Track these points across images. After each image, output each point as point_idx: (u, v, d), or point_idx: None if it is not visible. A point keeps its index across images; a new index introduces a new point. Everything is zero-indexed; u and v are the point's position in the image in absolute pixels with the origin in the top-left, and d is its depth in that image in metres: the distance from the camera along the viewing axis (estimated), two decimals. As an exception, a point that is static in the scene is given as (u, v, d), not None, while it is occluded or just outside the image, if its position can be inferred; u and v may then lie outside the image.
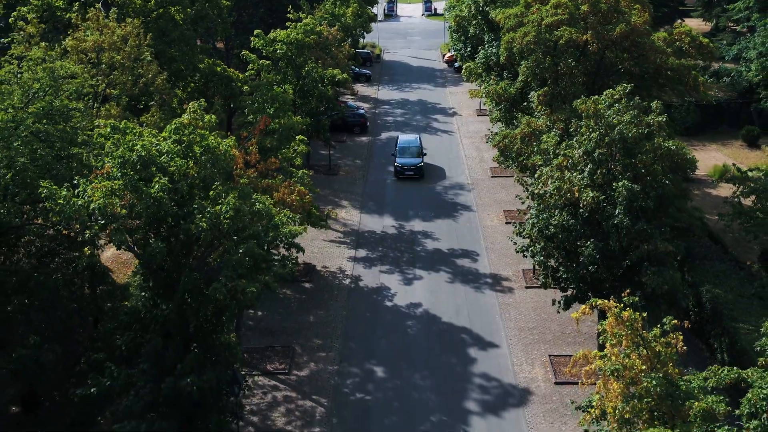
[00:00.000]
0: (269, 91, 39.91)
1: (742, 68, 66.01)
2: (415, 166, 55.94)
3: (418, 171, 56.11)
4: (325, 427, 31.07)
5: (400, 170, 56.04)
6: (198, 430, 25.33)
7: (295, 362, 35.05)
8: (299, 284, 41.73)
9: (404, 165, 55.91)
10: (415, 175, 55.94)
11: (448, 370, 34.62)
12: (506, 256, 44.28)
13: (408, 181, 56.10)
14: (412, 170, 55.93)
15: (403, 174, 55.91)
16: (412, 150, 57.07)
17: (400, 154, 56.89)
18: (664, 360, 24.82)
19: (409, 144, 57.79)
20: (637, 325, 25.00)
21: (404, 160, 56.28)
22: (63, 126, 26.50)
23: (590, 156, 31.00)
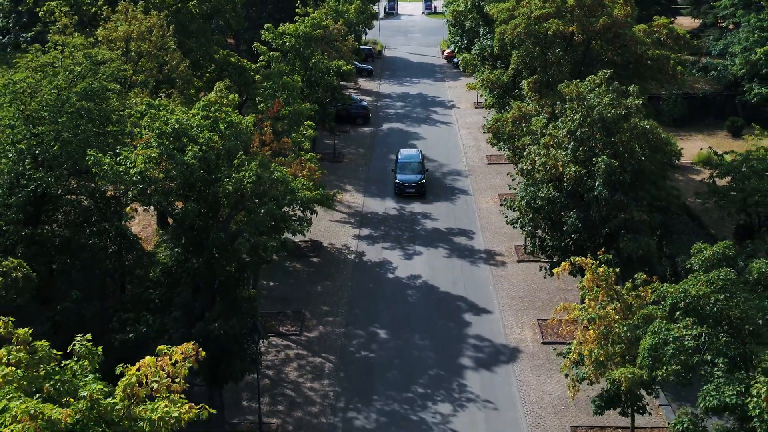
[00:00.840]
0: (280, 79, 43.43)
1: (727, 62, 69.45)
2: (416, 183, 53.61)
3: (420, 188, 53.59)
4: (333, 380, 34.56)
5: (400, 187, 53.51)
6: (224, 374, 28.86)
7: (305, 325, 38.55)
8: (308, 259, 45.25)
9: (404, 182, 53.57)
10: (417, 193, 53.46)
11: (445, 333, 38.10)
12: (500, 234, 47.76)
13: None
14: (413, 187, 53.48)
15: (404, 191, 53.44)
16: (413, 166, 54.69)
17: (401, 170, 54.37)
18: (635, 311, 28.32)
19: (410, 159, 55.51)
20: (611, 279, 28.54)
21: (405, 177, 53.88)
22: (101, 105, 30.00)
23: (573, 135, 34.49)
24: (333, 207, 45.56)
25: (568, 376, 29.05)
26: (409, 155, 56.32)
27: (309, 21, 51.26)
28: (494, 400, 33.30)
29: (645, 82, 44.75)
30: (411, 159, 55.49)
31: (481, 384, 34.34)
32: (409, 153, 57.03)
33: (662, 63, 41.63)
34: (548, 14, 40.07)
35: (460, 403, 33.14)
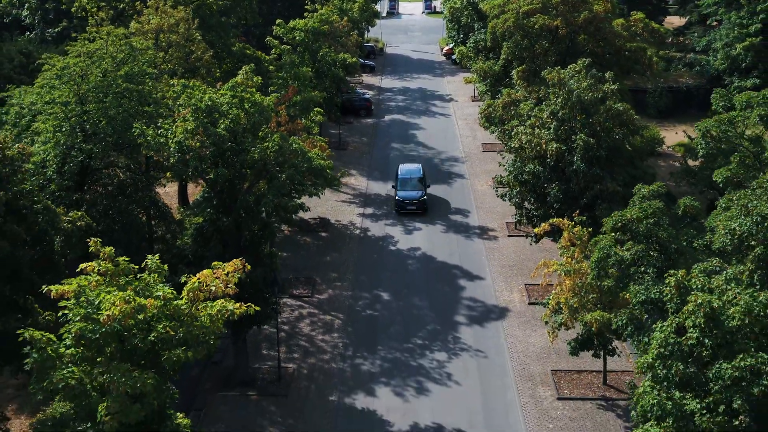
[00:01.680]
0: (292, 69, 48.02)
1: (710, 58, 73.99)
2: (417, 200, 51.75)
3: (421, 205, 51.81)
4: (342, 333, 39.15)
5: (401, 204, 51.76)
6: (248, 320, 33.34)
7: (316, 289, 43.14)
8: (317, 234, 49.83)
9: (405, 199, 51.75)
10: (418, 210, 51.78)
11: (442, 296, 42.67)
12: (493, 213, 52.35)
13: (411, 150, 64.18)
14: (414, 204, 51.70)
15: (404, 209, 51.68)
16: (414, 182, 52.95)
17: (401, 187, 52.70)
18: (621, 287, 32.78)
19: (411, 175, 53.70)
20: (584, 238, 33.09)
21: (405, 194, 52.13)
22: (140, 87, 34.57)
23: (555, 116, 39.08)
24: (339, 186, 50.00)
25: (548, 323, 33.72)
26: (409, 170, 54.49)
27: (317, 17, 55.86)
28: (485, 349, 37.87)
29: (624, 72, 49.37)
30: (412, 175, 53.70)
31: (473, 337, 38.90)
32: (410, 168, 55.06)
33: (639, 54, 46.21)
34: (535, 9, 44.67)
35: (454, 352, 37.71)
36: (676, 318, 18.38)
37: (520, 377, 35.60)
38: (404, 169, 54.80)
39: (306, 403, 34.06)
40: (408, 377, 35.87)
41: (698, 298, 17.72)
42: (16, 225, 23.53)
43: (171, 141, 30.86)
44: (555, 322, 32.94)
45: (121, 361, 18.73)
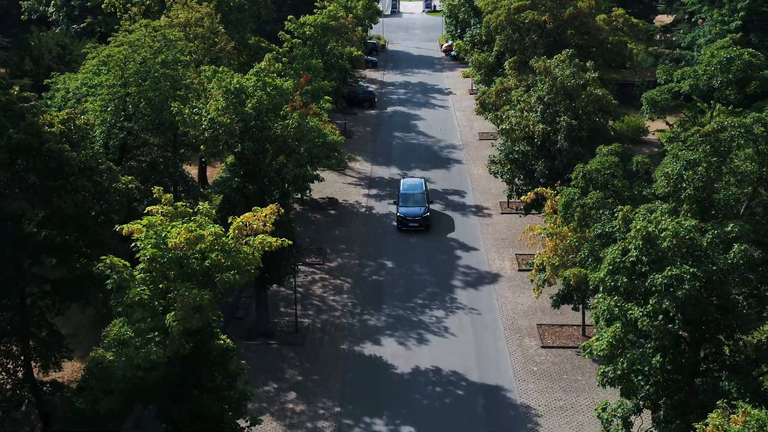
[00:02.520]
0: (303, 61, 52.91)
1: (694, 53, 78.89)
2: (420, 217, 51.02)
3: (424, 222, 51.12)
4: (350, 294, 44.07)
5: (402, 221, 51.02)
6: (270, 277, 38.26)
7: (326, 258, 48.03)
8: (326, 211, 54.73)
9: (407, 216, 50.96)
10: (420, 227, 51.08)
11: (441, 263, 47.56)
12: (488, 194, 57.25)
13: (412, 139, 69.08)
14: (416, 221, 50.98)
15: (406, 226, 51.01)
16: (416, 197, 52.15)
17: (403, 203, 51.97)
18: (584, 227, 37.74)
19: (413, 190, 52.80)
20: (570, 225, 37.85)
21: (407, 210, 51.35)
22: (174, 73, 39.46)
23: (542, 100, 43.98)
24: (346, 167, 54.82)
25: (533, 281, 38.58)
26: (411, 185, 53.72)
27: (326, 13, 60.75)
28: (478, 308, 42.79)
29: (608, 64, 54.29)
30: (414, 190, 52.84)
31: (468, 298, 43.81)
32: (412, 183, 54.34)
33: (620, 47, 51.11)
34: (525, 6, 49.61)
35: (451, 310, 42.64)
36: (621, 243, 23.18)
37: (509, 330, 40.51)
38: (406, 184, 53.86)
39: (320, 351, 38.97)
40: (410, 330, 40.79)
41: (638, 225, 22.50)
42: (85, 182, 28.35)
43: (204, 118, 35.77)
44: (539, 279, 37.77)
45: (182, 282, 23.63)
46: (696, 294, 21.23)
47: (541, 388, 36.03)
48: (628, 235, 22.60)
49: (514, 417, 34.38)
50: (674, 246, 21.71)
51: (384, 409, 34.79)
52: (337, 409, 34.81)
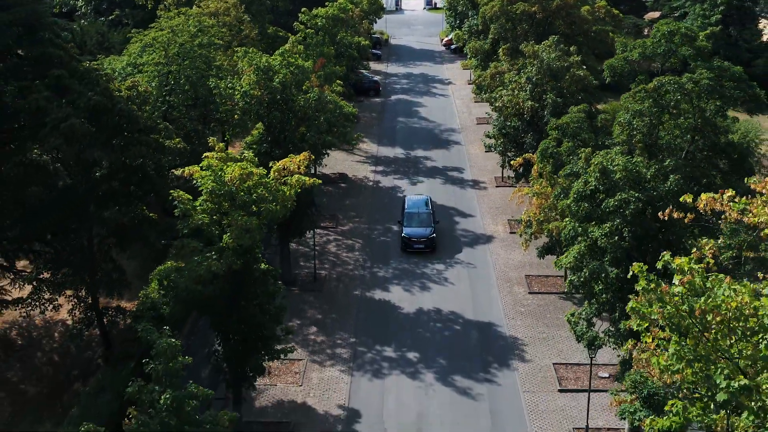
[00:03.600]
0: (317, 48, 59.13)
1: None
2: (426, 238, 49.34)
3: (430, 243, 49.33)
4: (361, 252, 50.28)
5: (407, 242, 49.34)
6: (293, 231, 44.45)
7: (339, 223, 54.24)
8: (337, 185, 60.92)
9: (412, 236, 49.41)
10: (426, 249, 49.28)
11: (441, 226, 53.68)
12: (484, 170, 63.47)
13: (414, 123, 75.30)
14: (422, 243, 49.27)
15: (411, 248, 49.26)
16: (422, 217, 50.73)
17: (408, 222, 50.31)
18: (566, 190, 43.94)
19: (419, 209, 51.46)
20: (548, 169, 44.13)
21: (412, 230, 49.78)
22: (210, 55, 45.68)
23: (531, 81, 50.22)
24: (356, 145, 61.01)
25: (522, 235, 44.76)
26: (416, 203, 52.49)
27: (336, 5, 66.99)
28: (474, 263, 48.99)
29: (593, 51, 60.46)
30: (419, 209, 51.58)
31: (465, 255, 50.01)
32: (417, 200, 53.04)
33: (603, 36, 57.36)
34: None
35: (450, 264, 48.84)
36: (584, 176, 29.30)
37: (501, 280, 46.73)
38: (411, 202, 52.68)
39: (336, 296, 45.19)
40: (414, 280, 47.00)
41: (596, 160, 28.66)
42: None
43: (238, 92, 42.02)
44: (527, 233, 43.98)
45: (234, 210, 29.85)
46: (640, 214, 27.35)
47: (527, 324, 42.26)
48: (588, 170, 28.74)
49: (503, 346, 40.58)
50: (624, 177, 27.82)
51: (392, 339, 41.01)
52: (353, 340, 41.04)
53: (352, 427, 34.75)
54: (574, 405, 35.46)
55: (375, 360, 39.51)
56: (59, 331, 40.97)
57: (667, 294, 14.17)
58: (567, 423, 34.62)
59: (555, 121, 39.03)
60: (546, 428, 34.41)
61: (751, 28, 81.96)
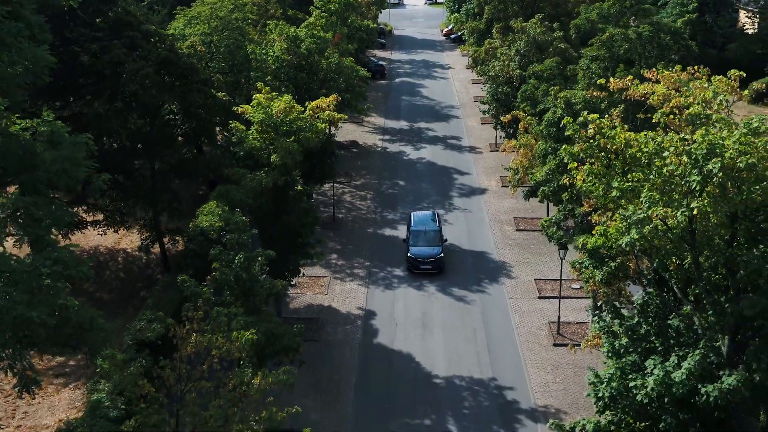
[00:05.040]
0: (331, 28, 67.85)
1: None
2: (433, 258, 47.49)
3: (438, 264, 47.51)
4: (372, 201, 58.93)
5: (414, 263, 47.58)
6: (316, 176, 52.99)
7: (352, 178, 62.92)
8: (349, 150, 69.61)
9: (419, 257, 47.55)
10: (433, 270, 47.51)
11: (441, 183, 62.41)
12: (480, 139, 72.17)
13: (417, 101, 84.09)
14: (429, 263, 47.46)
15: (418, 268, 47.46)
16: (429, 235, 48.77)
17: (414, 241, 48.46)
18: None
19: (426, 227, 49.61)
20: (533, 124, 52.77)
21: (419, 250, 47.83)
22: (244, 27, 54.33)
23: (519, 52, 58.93)
24: (367, 114, 69.64)
25: (510, 181, 53.38)
26: (423, 220, 50.78)
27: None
28: (469, 209, 57.65)
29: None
30: (426, 226, 49.74)
31: (461, 203, 58.68)
32: (424, 217, 51.38)
33: (584, 16, 65.90)
34: (508, -17, 64.72)
35: (449, 210, 57.47)
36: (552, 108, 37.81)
37: (492, 220, 55.37)
38: (417, 218, 50.99)
39: (352, 233, 53.82)
40: (418, 221, 55.66)
41: (562, 95, 37.22)
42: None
43: (271, 56, 50.71)
44: (514, 179, 52.57)
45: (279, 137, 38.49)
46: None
47: (513, 253, 50.88)
48: (556, 103, 37.19)
49: (493, 267, 49.17)
50: (583, 106, 36.36)
51: (400, 263, 49.56)
52: (367, 263, 49.66)
53: (369, 322, 43.32)
54: (550, 307, 44.02)
55: (386, 277, 48.12)
56: (122, 257, 49.54)
57: (584, 135, 22.72)
58: (543, 318, 43.21)
59: (532, 67, 47.73)
60: (526, 323, 42.98)
61: (725, 16, 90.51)
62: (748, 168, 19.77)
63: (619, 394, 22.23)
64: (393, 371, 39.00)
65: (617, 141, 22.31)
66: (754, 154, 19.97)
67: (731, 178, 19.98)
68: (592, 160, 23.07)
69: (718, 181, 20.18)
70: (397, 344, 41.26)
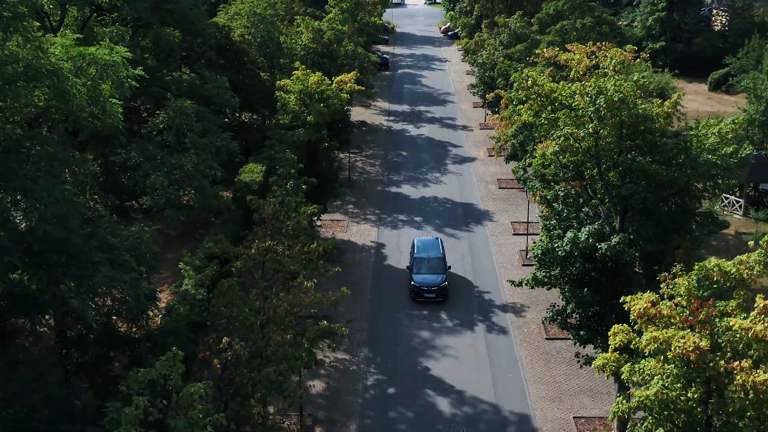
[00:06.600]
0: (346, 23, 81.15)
1: (634, 28, 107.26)
2: (437, 287, 47.66)
3: (441, 292, 47.72)
4: (380, 167, 72.19)
5: (417, 291, 47.86)
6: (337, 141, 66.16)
7: (362, 150, 76.14)
8: (360, 128, 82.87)
9: (422, 285, 47.84)
10: (437, 299, 47.75)
11: (437, 154, 75.62)
12: (471, 119, 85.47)
13: (418, 89, 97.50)
14: (433, 292, 47.72)
15: (422, 297, 47.74)
16: (433, 262, 49.04)
17: (417, 268, 48.77)
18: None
19: (429, 253, 49.95)
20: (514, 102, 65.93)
21: (423, 278, 48.22)
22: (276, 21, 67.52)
23: (503, 43, 72.19)
24: (374, 98, 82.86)
25: (494, 147, 66.58)
26: (426, 246, 51.08)
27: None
28: (461, 173, 70.92)
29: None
30: (430, 253, 50.02)
31: (454, 168, 71.93)
32: (427, 242, 51.74)
33: (560, 13, 79.26)
34: (494, -15, 78.05)
35: (443, 173, 70.73)
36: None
37: (479, 181, 68.61)
38: (420, 244, 51.37)
39: (364, 190, 67.01)
40: (418, 182, 68.85)
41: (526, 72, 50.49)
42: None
43: (299, 45, 64.00)
44: (497, 145, 65.73)
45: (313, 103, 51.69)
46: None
47: (496, 204, 64.09)
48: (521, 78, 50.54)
49: (478, 215, 62.34)
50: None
51: (404, 211, 62.74)
52: (377, 211, 62.85)
53: (380, 250, 56.44)
54: (522, 241, 57.11)
55: (393, 221, 61.31)
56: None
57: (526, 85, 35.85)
58: (515, 249, 56.32)
59: (505, 51, 60.99)
60: (503, 251, 56.07)
61: (691, 13, 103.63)
62: (620, 101, 32.85)
63: (547, 251, 35.30)
64: (398, 281, 52.01)
65: (545, 88, 35.50)
66: (624, 93, 33.09)
67: (610, 107, 33.07)
68: (530, 102, 36.26)
69: (604, 110, 33.32)
70: (401, 265, 54.36)
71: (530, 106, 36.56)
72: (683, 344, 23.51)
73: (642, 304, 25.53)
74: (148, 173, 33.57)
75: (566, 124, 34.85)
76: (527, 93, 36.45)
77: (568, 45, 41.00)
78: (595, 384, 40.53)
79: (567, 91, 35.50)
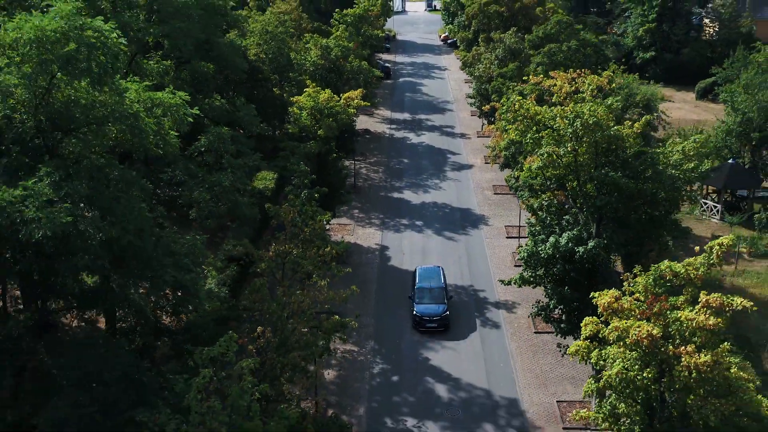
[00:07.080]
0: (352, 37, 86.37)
1: (626, 39, 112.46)
2: (439, 316, 48.41)
3: (443, 322, 48.38)
4: (383, 174, 77.42)
5: (419, 321, 48.55)
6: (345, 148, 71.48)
7: (366, 157, 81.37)
8: (363, 136, 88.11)
9: (424, 315, 48.62)
10: (439, 329, 48.40)
11: (436, 160, 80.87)
12: (469, 127, 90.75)
13: (418, 97, 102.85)
14: (435, 321, 48.40)
15: (424, 326, 48.50)
16: (435, 292, 49.82)
17: (419, 298, 49.54)
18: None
19: (431, 283, 50.80)
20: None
21: (424, 308, 48.97)
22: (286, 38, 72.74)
23: (498, 57, 77.43)
24: (377, 107, 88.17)
25: (489, 156, 71.84)
26: (428, 275, 51.96)
27: (361, 7, 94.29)
28: (459, 179, 76.15)
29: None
30: (431, 283, 50.95)
31: (453, 175, 77.18)
32: (429, 271, 52.56)
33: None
34: (491, 1, 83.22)
35: (443, 180, 75.96)
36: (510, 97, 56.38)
37: (476, 188, 73.89)
38: (422, 274, 52.27)
39: (369, 195, 72.27)
40: (419, 188, 74.13)
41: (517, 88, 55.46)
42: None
43: (308, 61, 69.28)
44: (492, 154, 70.98)
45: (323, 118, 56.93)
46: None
47: (491, 209, 69.34)
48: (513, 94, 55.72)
49: (474, 219, 67.60)
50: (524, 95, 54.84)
51: (406, 215, 68.02)
52: (381, 215, 68.12)
53: (384, 252, 61.68)
54: (514, 243, 62.32)
55: (396, 225, 66.58)
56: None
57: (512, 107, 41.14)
58: (509, 250, 61.55)
59: (499, 69, 66.28)
60: (497, 253, 61.32)
61: (680, 25, 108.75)
62: (594, 123, 38.14)
63: (532, 254, 40.59)
64: (401, 281, 57.19)
65: (531, 111, 40.81)
66: (598, 117, 38.38)
67: (586, 129, 38.35)
68: (518, 123, 41.58)
69: (581, 131, 38.59)
70: (404, 266, 59.58)
71: (517, 126, 41.83)
72: (638, 332, 28.72)
73: (607, 299, 30.77)
74: (192, 189, 38.90)
75: (548, 143, 40.13)
76: (515, 115, 41.69)
77: (551, 72, 46.27)
78: (577, 372, 45.73)
79: (549, 114, 40.80)
